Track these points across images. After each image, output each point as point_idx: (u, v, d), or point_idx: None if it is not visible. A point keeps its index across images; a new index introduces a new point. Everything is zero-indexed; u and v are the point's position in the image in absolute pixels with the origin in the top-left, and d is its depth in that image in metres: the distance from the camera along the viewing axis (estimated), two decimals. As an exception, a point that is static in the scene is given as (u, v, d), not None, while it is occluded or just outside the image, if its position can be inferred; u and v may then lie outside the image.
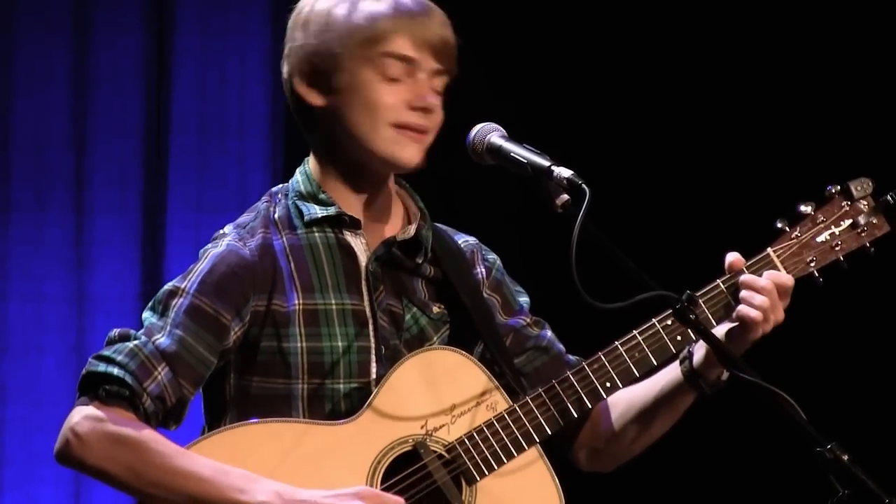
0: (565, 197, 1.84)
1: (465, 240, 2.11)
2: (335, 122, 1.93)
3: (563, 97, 3.98)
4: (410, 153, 1.93)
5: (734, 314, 1.94)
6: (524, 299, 2.12)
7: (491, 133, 1.93)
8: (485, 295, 2.07)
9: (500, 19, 3.86)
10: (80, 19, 3.89)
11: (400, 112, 1.91)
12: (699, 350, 1.97)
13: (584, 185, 1.82)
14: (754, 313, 1.92)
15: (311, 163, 2.00)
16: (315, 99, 1.94)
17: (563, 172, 1.84)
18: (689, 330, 1.92)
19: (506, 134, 1.94)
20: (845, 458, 1.68)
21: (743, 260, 1.98)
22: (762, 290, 1.93)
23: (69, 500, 3.80)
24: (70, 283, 3.86)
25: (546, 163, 1.86)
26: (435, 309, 2.01)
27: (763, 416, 2.00)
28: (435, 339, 2.01)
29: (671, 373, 2.00)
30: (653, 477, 3.51)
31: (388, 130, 1.91)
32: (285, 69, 1.98)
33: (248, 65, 3.96)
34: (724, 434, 3.76)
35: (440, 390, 1.92)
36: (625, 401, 2.04)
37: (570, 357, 2.10)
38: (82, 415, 1.81)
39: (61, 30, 3.89)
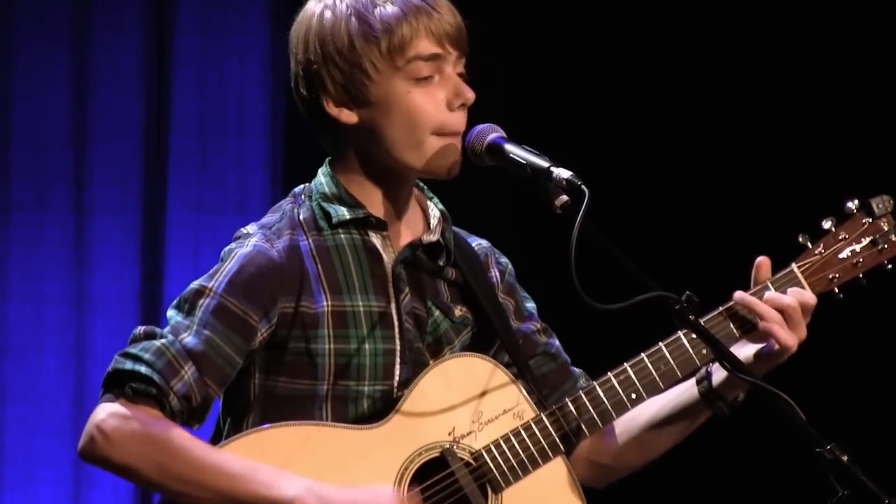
0: (564, 198, 1.83)
1: (478, 243, 2.11)
2: (371, 137, 1.92)
3: (564, 98, 3.98)
4: (455, 162, 1.93)
5: (759, 331, 1.94)
6: (531, 305, 2.12)
7: (490, 134, 1.93)
8: (500, 298, 2.07)
9: (501, 21, 3.86)
10: (79, 19, 3.89)
11: (441, 115, 1.90)
12: (719, 370, 1.96)
13: (583, 186, 1.81)
14: (779, 333, 1.92)
15: (333, 165, 1.99)
16: (348, 117, 1.92)
17: (563, 173, 1.83)
18: (690, 330, 1.92)
19: (505, 135, 1.93)
20: (845, 458, 1.68)
21: (769, 273, 1.98)
22: (787, 308, 1.93)
23: (69, 500, 3.80)
24: (70, 284, 3.85)
25: (545, 164, 1.85)
26: (457, 312, 2.01)
27: (763, 416, 1.99)
28: (456, 342, 2.01)
29: (686, 392, 2.00)
30: (655, 480, 3.51)
31: (431, 140, 1.90)
32: (304, 90, 1.93)
33: (247, 65, 3.95)
34: (724, 435, 3.76)
35: (468, 397, 1.92)
36: (629, 418, 2.03)
37: (575, 368, 2.10)
38: (108, 412, 1.79)
39: (61, 30, 3.88)
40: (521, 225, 3.72)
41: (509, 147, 1.91)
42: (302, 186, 2.02)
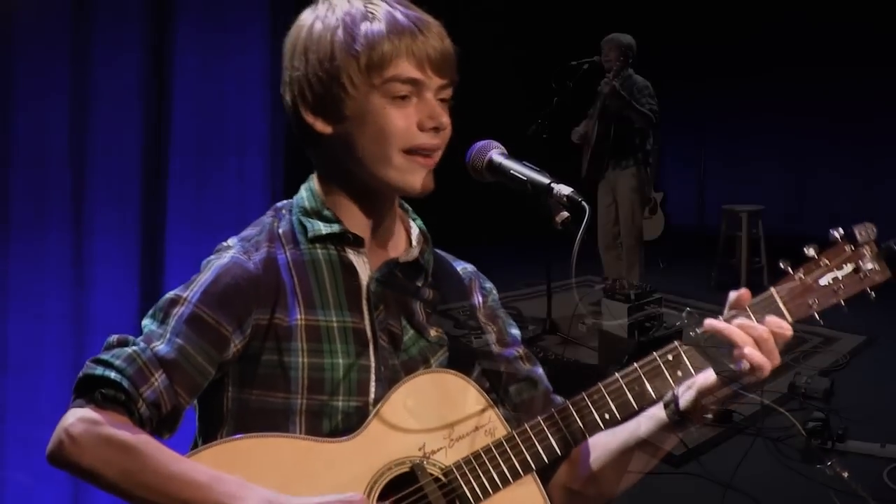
0: (565, 214, 1.84)
1: (463, 267, 2.12)
2: (345, 148, 1.91)
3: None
4: (423, 181, 1.91)
5: (733, 357, 1.91)
6: (516, 332, 2.13)
7: (491, 151, 1.93)
8: (481, 322, 2.07)
9: (503, 27, 3.88)
10: (79, 36, 3.89)
11: (411, 135, 1.89)
12: (686, 393, 1.97)
13: (583, 203, 1.82)
14: (752, 356, 1.89)
15: (315, 180, 2.00)
16: (322, 127, 1.91)
17: (563, 190, 1.84)
18: (688, 363, 1.92)
19: (505, 151, 1.94)
20: (845, 475, 1.67)
21: (748, 298, 1.95)
22: (758, 336, 1.90)
23: (68, 517, 3.80)
24: (69, 301, 3.85)
25: (546, 180, 1.86)
26: (433, 332, 2.01)
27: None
28: (432, 362, 2.00)
29: (654, 417, 2.00)
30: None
31: (399, 157, 1.89)
32: (288, 96, 1.94)
33: (247, 83, 3.96)
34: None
35: (439, 413, 1.92)
36: (602, 444, 2.04)
37: (557, 396, 2.09)
38: (77, 416, 1.78)
39: (61, 47, 3.88)
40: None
41: (510, 164, 1.91)
42: (285, 201, 2.02)
